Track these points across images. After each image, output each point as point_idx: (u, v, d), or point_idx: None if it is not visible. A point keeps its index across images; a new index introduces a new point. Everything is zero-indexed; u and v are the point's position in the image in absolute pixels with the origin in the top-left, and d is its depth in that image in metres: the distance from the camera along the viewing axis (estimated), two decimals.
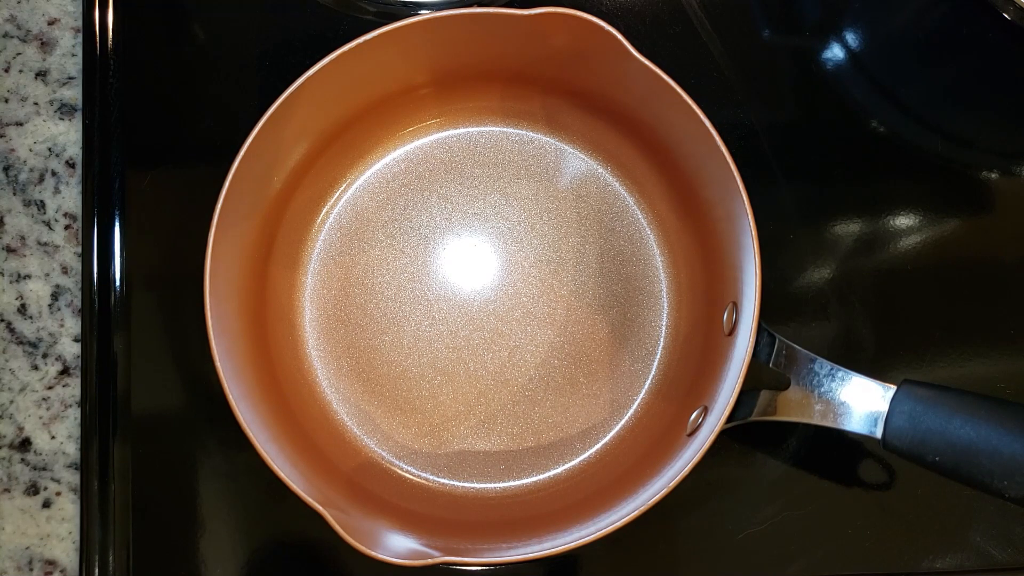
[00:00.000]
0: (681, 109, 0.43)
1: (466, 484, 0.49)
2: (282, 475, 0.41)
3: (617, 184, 0.51)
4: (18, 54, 0.53)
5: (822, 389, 0.42)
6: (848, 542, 0.50)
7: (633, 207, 0.51)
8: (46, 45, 0.53)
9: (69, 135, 0.53)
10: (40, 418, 0.51)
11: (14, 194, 0.52)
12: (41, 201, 0.52)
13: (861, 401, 0.41)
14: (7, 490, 0.50)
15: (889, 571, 0.50)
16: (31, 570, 0.50)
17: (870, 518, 0.50)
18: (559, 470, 0.49)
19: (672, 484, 0.40)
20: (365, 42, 0.44)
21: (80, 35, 0.53)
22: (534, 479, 0.49)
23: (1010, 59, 0.55)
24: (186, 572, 0.49)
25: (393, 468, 0.49)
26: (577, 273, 0.51)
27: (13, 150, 0.53)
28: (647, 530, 0.49)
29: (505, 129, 0.52)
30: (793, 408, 0.43)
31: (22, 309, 0.52)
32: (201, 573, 0.49)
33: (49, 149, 0.53)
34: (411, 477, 0.49)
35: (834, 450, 0.50)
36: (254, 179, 0.45)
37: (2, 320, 0.51)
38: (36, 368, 0.51)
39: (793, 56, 0.55)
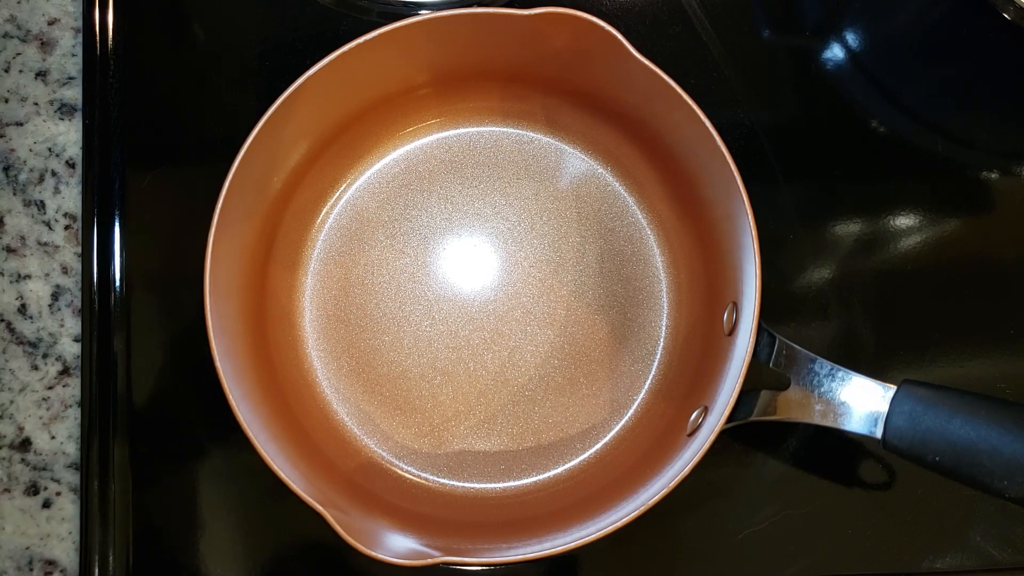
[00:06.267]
0: (681, 109, 0.43)
1: (466, 484, 0.49)
2: (282, 475, 0.41)
3: (617, 184, 0.51)
4: (18, 54, 0.53)
5: (822, 389, 0.42)
6: (848, 542, 0.50)
7: (633, 207, 0.51)
8: (46, 45, 0.53)
9: (69, 135, 0.53)
10: (40, 418, 0.51)
11: (14, 194, 0.52)
12: (41, 201, 0.52)
13: (861, 401, 0.41)
14: (7, 490, 0.50)
15: (889, 571, 0.50)
16: (31, 570, 0.50)
17: (870, 518, 0.50)
18: (559, 470, 0.49)
19: (672, 484, 0.40)
20: (365, 42, 0.44)
21: (80, 35, 0.53)
22: (534, 479, 0.49)
23: (1010, 59, 0.55)
24: (186, 572, 0.49)
25: (393, 468, 0.49)
26: (577, 273, 0.51)
27: (13, 150, 0.53)
28: (647, 530, 0.49)
29: (505, 129, 0.52)
30: (793, 408, 0.43)
31: (22, 309, 0.52)
32: (201, 573, 0.49)
33: (49, 149, 0.53)
34: (411, 477, 0.49)
35: (834, 450, 0.50)
36: (254, 179, 0.45)
37: (2, 320, 0.51)
38: (36, 368, 0.51)
39: (793, 56, 0.55)
